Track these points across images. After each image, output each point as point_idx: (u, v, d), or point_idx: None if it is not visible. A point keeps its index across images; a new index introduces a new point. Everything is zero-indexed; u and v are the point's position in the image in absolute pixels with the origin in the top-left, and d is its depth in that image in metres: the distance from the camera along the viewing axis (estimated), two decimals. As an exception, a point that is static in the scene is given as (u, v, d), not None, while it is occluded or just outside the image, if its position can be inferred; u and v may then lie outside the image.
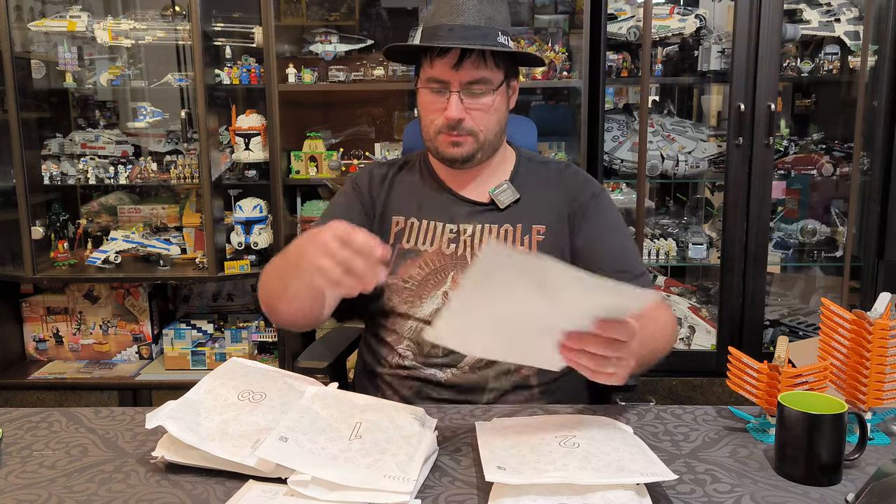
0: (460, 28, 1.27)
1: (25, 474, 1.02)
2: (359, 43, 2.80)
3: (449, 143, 1.33)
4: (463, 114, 1.30)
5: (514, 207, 1.39)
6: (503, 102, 1.35)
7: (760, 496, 0.93)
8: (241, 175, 2.81)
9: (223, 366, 1.20)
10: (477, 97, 1.31)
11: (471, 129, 1.32)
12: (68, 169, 2.80)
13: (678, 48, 2.84)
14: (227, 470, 0.99)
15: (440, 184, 1.43)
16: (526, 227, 1.38)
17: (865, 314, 1.09)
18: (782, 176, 2.81)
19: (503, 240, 1.36)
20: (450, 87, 1.30)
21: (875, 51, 2.65)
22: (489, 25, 1.29)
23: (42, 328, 2.98)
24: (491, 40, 1.29)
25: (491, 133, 1.35)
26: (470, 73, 1.29)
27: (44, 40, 2.80)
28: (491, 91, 1.31)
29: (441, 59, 1.29)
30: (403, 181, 1.45)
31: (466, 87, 1.30)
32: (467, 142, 1.33)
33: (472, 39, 1.27)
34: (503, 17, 1.32)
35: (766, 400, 1.11)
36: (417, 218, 1.40)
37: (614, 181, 2.88)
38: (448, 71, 1.29)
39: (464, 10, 1.28)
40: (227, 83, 2.75)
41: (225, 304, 3.14)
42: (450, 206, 1.40)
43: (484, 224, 1.38)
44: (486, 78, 1.30)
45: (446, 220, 1.39)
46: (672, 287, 3.01)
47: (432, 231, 1.39)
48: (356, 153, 2.88)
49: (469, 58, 1.28)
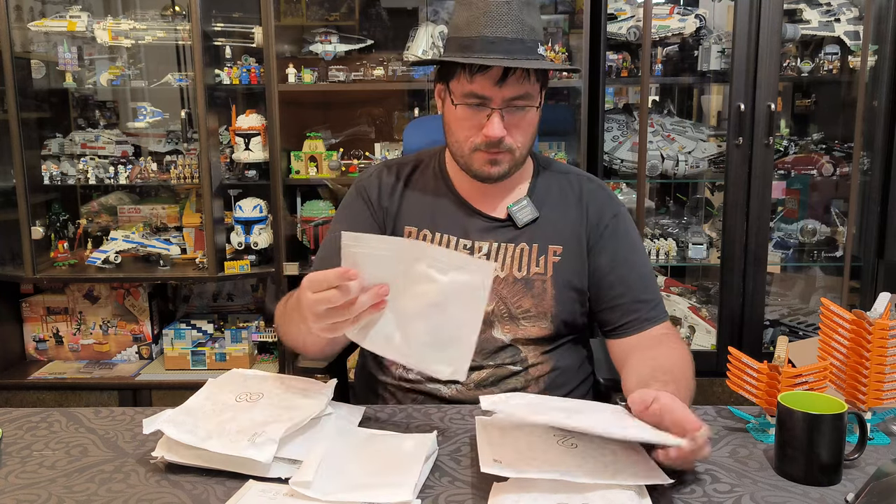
0: (503, 41, 1.20)
1: (25, 474, 1.02)
2: (359, 43, 2.80)
3: (486, 162, 1.27)
4: (504, 132, 1.23)
5: (532, 226, 1.34)
6: (537, 116, 1.30)
7: (760, 496, 0.93)
8: (241, 175, 2.81)
9: (223, 376, 1.21)
10: (519, 114, 1.25)
11: (510, 146, 1.26)
12: (68, 169, 2.80)
13: (678, 48, 2.84)
14: (227, 470, 0.99)
15: (456, 195, 1.37)
16: (542, 248, 1.33)
17: (865, 314, 1.09)
18: (782, 176, 2.81)
19: (517, 258, 1.32)
20: (491, 104, 1.23)
21: (875, 51, 2.65)
22: (531, 38, 1.22)
23: (42, 328, 2.98)
24: (534, 54, 1.22)
25: (526, 148, 1.30)
26: (514, 90, 1.22)
27: (44, 40, 2.80)
28: (533, 107, 1.26)
29: (483, 75, 1.21)
30: (416, 188, 1.39)
31: (509, 103, 1.23)
32: (505, 159, 1.27)
33: (517, 54, 1.20)
34: (540, 26, 1.26)
35: (765, 400, 1.11)
36: (431, 230, 1.35)
37: (614, 181, 2.88)
38: (491, 87, 1.21)
39: (506, 20, 1.20)
40: (227, 83, 2.75)
41: (225, 304, 3.14)
42: (465, 219, 1.35)
43: (500, 242, 1.34)
44: (529, 94, 1.24)
45: (461, 234, 1.34)
46: (672, 287, 3.01)
47: (445, 245, 1.34)
48: (356, 153, 2.88)
49: (514, 74, 1.20)
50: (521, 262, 1.33)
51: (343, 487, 0.92)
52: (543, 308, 1.31)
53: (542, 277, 1.32)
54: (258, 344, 2.98)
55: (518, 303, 1.31)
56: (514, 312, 1.32)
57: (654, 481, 0.89)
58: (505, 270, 1.32)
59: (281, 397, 1.11)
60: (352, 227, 1.28)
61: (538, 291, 1.31)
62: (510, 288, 1.32)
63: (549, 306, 1.31)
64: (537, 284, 1.32)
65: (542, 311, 1.31)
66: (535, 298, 1.31)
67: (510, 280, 1.32)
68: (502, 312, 1.32)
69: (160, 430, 1.02)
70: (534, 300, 1.31)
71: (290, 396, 1.11)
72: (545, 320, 1.32)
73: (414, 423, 1.17)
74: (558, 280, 1.32)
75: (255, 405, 1.08)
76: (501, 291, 1.32)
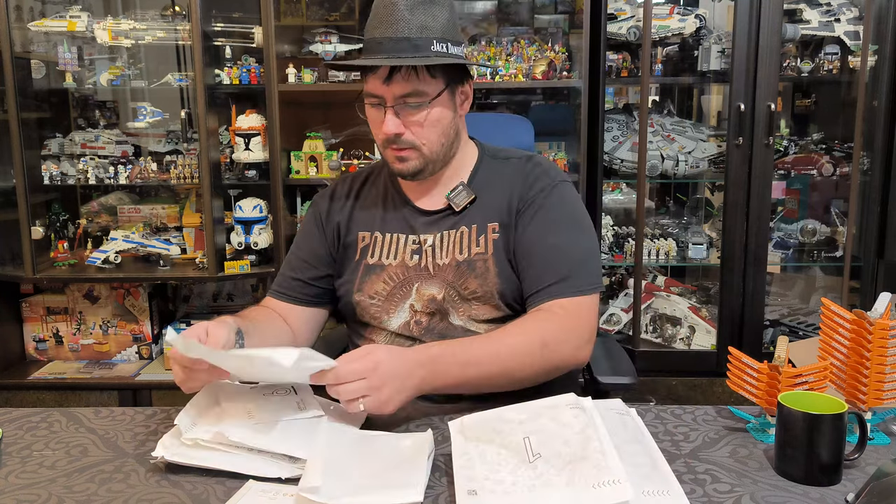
0: (389, 41, 1.24)
1: (25, 474, 1.02)
2: (359, 43, 2.80)
3: (395, 158, 1.31)
4: (400, 128, 1.27)
5: (471, 208, 1.37)
6: (446, 112, 1.30)
7: (760, 496, 0.93)
8: (241, 175, 2.81)
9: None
10: (413, 110, 1.27)
11: (412, 142, 1.29)
12: (68, 169, 2.80)
13: (678, 48, 2.84)
14: (227, 470, 0.99)
15: (402, 196, 1.41)
16: (481, 227, 1.35)
17: (865, 314, 1.09)
18: (782, 176, 2.81)
19: (458, 242, 1.35)
20: (384, 102, 1.27)
21: (875, 51, 2.65)
22: (421, 35, 1.24)
23: (42, 328, 2.98)
24: (423, 51, 1.24)
25: (436, 144, 1.31)
26: (401, 87, 1.25)
27: (44, 40, 2.80)
28: (426, 103, 1.27)
29: (373, 74, 1.26)
30: (368, 196, 1.45)
31: (401, 100, 1.26)
32: (412, 156, 1.30)
33: (402, 52, 1.23)
34: (441, 23, 1.26)
35: (766, 400, 1.11)
36: (381, 231, 1.40)
37: (614, 181, 2.89)
38: (380, 86, 1.26)
39: (393, 21, 1.24)
40: (227, 83, 2.75)
41: (225, 304, 3.14)
42: (410, 216, 1.39)
43: (442, 231, 1.37)
44: (419, 90, 1.26)
45: (408, 231, 1.38)
46: (672, 287, 3.01)
47: (395, 244, 1.38)
48: (356, 153, 2.88)
49: (399, 71, 1.24)
50: (461, 245, 1.35)
51: (351, 491, 0.91)
52: (489, 287, 1.33)
53: (483, 257, 1.34)
54: (258, 344, 2.97)
55: (465, 285, 1.33)
56: (464, 294, 1.34)
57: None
58: (448, 257, 1.35)
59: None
60: (305, 251, 1.44)
61: (481, 271, 1.33)
62: (454, 272, 1.34)
63: (493, 284, 1.32)
64: (479, 264, 1.33)
65: (488, 291, 1.33)
66: (480, 278, 1.33)
67: (454, 265, 1.34)
68: (453, 297, 1.34)
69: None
70: (478, 280, 1.33)
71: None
72: (493, 299, 1.33)
73: (413, 422, 1.17)
74: (499, 257, 1.34)
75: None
76: (448, 277, 1.34)
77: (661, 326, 2.79)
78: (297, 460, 1.01)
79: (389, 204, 1.42)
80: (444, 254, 1.35)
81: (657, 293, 2.90)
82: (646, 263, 2.84)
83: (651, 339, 2.80)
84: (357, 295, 1.38)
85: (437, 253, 1.36)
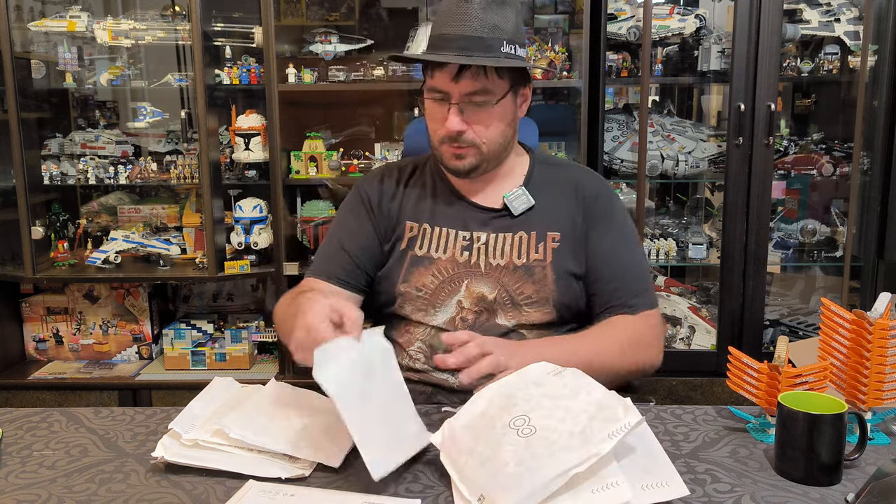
0: (460, 38, 1.25)
1: (25, 474, 1.02)
2: (359, 43, 2.80)
3: (452, 155, 1.32)
4: (463, 126, 1.28)
5: (529, 214, 1.37)
6: (508, 112, 1.33)
7: (760, 496, 0.93)
8: (241, 175, 2.81)
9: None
10: (478, 109, 1.28)
11: (472, 140, 1.30)
12: (68, 169, 2.80)
13: (678, 48, 2.84)
14: (227, 470, 0.99)
15: (452, 190, 1.41)
16: (541, 235, 1.36)
17: (865, 314, 1.09)
18: (782, 176, 2.81)
19: (517, 246, 1.35)
20: (450, 99, 1.28)
21: (875, 51, 2.65)
22: (493, 35, 1.25)
23: (42, 328, 2.98)
24: (494, 51, 1.25)
25: (495, 144, 1.32)
26: (470, 85, 1.26)
27: (44, 40, 2.80)
28: (492, 102, 1.28)
29: (441, 70, 1.27)
30: (416, 186, 1.43)
31: (467, 98, 1.27)
32: (470, 153, 1.31)
33: (474, 51, 1.24)
34: (511, 24, 1.28)
35: (766, 400, 1.11)
36: (430, 224, 1.39)
37: (614, 181, 2.88)
38: (448, 82, 1.27)
39: (466, 18, 1.25)
40: (227, 83, 2.75)
41: (225, 304, 3.14)
42: (463, 212, 1.39)
43: (498, 232, 1.37)
44: (487, 89, 1.27)
45: (459, 226, 1.38)
46: (672, 287, 3.01)
47: (445, 238, 1.37)
48: (356, 153, 2.88)
49: (469, 69, 1.25)
50: (520, 250, 1.36)
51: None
52: (545, 293, 1.34)
53: (541, 263, 1.35)
54: (258, 344, 2.97)
55: (520, 289, 1.34)
56: (517, 299, 1.34)
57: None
58: (504, 258, 1.35)
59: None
60: (354, 234, 1.39)
61: (539, 277, 1.34)
62: (511, 275, 1.34)
63: (550, 291, 1.34)
64: (538, 270, 1.35)
65: (543, 297, 1.34)
66: (537, 284, 1.34)
67: (510, 268, 1.35)
68: (504, 300, 1.34)
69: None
70: (535, 286, 1.34)
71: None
72: (547, 305, 1.34)
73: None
74: (558, 265, 1.35)
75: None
76: (503, 279, 1.35)
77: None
78: (298, 460, 1.01)
79: (440, 197, 1.41)
80: (499, 254, 1.36)
81: (657, 293, 2.90)
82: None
83: (651, 339, 2.79)
84: (402, 286, 1.37)
85: (491, 252, 1.36)
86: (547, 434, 0.92)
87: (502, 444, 0.92)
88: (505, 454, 0.91)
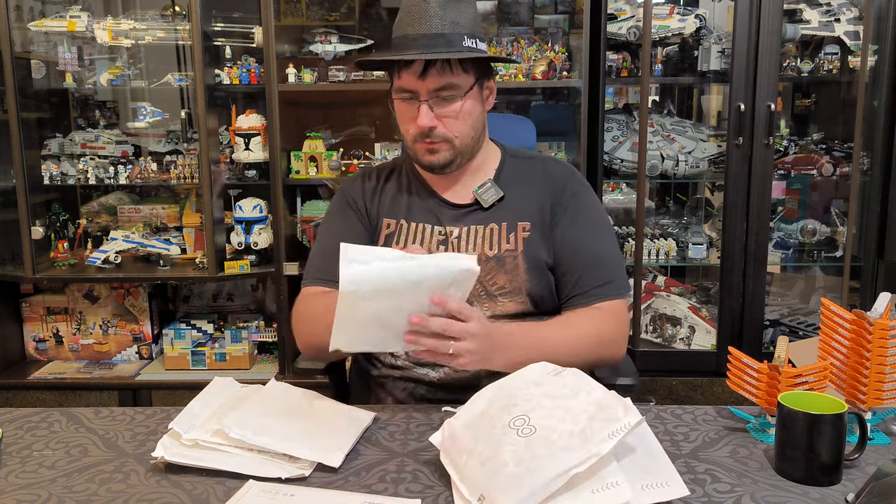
0: (423, 37, 1.28)
1: (25, 474, 1.02)
2: (359, 43, 2.80)
3: (425, 151, 1.34)
4: (434, 122, 1.31)
5: (499, 206, 1.40)
6: (476, 105, 1.35)
7: (760, 496, 0.93)
8: (241, 175, 2.81)
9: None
10: (446, 104, 1.31)
11: (444, 135, 1.32)
12: (68, 169, 2.80)
13: (678, 48, 2.84)
14: (227, 470, 0.99)
15: (426, 187, 1.44)
16: (511, 225, 1.38)
17: (865, 314, 1.09)
18: (782, 176, 2.81)
19: (488, 238, 1.37)
20: (418, 97, 1.31)
21: (875, 51, 2.65)
22: (453, 31, 1.28)
23: (42, 328, 2.98)
24: (456, 46, 1.29)
25: (466, 137, 1.35)
26: (436, 81, 1.29)
27: (44, 40, 2.80)
28: (460, 96, 1.31)
29: (407, 70, 1.30)
30: (393, 186, 1.47)
31: (434, 94, 1.30)
32: (443, 148, 1.34)
33: (436, 47, 1.27)
34: (469, 19, 1.32)
35: (766, 400, 1.11)
36: (407, 220, 1.42)
37: (614, 181, 2.88)
38: (415, 81, 1.30)
39: (425, 17, 1.28)
40: (227, 83, 2.75)
41: (225, 304, 3.14)
42: (436, 208, 1.42)
43: (470, 225, 1.39)
44: (453, 84, 1.30)
45: (434, 222, 1.41)
46: (672, 287, 3.01)
47: (421, 233, 1.40)
48: (356, 153, 2.88)
49: (434, 66, 1.28)
50: (491, 241, 1.38)
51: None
52: (517, 283, 1.36)
53: (513, 254, 1.37)
54: (258, 344, 2.98)
55: (493, 280, 1.36)
56: (490, 290, 1.36)
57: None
58: (477, 250, 1.38)
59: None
60: (348, 234, 1.39)
61: (511, 267, 1.36)
62: (483, 266, 1.35)
63: (522, 281, 1.36)
64: (509, 261, 1.36)
65: (516, 287, 1.36)
66: (509, 274, 1.36)
67: (482, 259, 1.36)
68: (479, 292, 1.36)
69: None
70: (507, 276, 1.36)
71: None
72: (520, 295, 1.36)
73: (414, 422, 1.17)
74: (529, 255, 1.37)
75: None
76: None
77: (661, 326, 2.79)
78: (298, 460, 1.01)
79: (415, 193, 1.44)
80: (472, 247, 1.38)
81: (657, 293, 2.90)
82: (646, 263, 2.84)
83: (651, 339, 2.80)
84: None
85: (464, 246, 1.38)
86: (547, 434, 0.92)
87: (502, 444, 0.92)
88: (505, 454, 0.91)
